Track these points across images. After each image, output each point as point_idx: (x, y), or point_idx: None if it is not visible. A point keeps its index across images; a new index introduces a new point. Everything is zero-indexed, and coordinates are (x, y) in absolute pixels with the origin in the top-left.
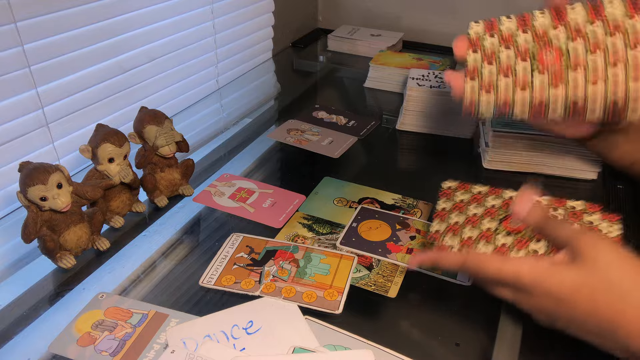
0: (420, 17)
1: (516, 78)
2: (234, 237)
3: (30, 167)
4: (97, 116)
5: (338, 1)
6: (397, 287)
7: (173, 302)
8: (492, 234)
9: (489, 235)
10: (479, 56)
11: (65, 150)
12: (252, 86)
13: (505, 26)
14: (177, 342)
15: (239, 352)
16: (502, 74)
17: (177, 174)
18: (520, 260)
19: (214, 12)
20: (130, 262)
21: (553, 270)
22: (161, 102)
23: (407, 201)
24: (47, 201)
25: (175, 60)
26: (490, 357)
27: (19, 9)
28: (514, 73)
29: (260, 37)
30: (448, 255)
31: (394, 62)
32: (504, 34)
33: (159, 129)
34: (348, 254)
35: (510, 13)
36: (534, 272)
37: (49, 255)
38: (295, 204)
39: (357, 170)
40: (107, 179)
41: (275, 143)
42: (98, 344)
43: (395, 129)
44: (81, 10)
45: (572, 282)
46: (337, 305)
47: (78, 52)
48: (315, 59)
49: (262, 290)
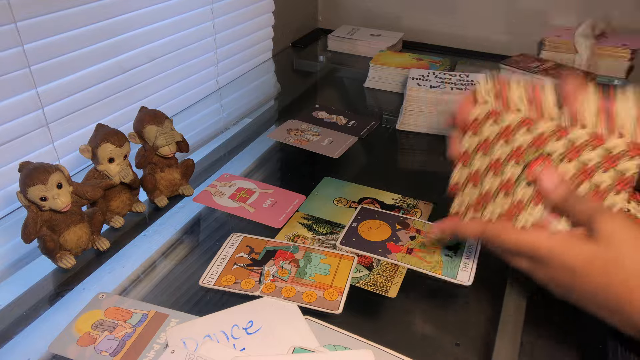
0: (420, 17)
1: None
2: (234, 237)
3: (30, 167)
4: (97, 116)
5: (338, 1)
6: (397, 287)
7: (173, 302)
8: (512, 186)
9: (509, 186)
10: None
11: (65, 150)
12: (252, 86)
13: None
14: (177, 342)
15: (239, 352)
16: (491, 171)
17: (177, 174)
18: (538, 232)
19: (214, 12)
20: (130, 262)
21: (570, 243)
22: (161, 102)
23: (407, 201)
24: (47, 201)
25: (175, 60)
26: (490, 357)
27: (19, 9)
28: (502, 173)
29: (260, 37)
30: (467, 225)
31: (394, 62)
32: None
33: (159, 129)
34: (348, 254)
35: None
36: (551, 244)
37: (49, 255)
38: (295, 204)
39: (357, 170)
40: (107, 179)
41: (275, 143)
42: (98, 344)
43: (395, 129)
44: (81, 10)
45: (587, 255)
46: (337, 305)
47: (78, 52)
48: (315, 59)
49: (262, 290)
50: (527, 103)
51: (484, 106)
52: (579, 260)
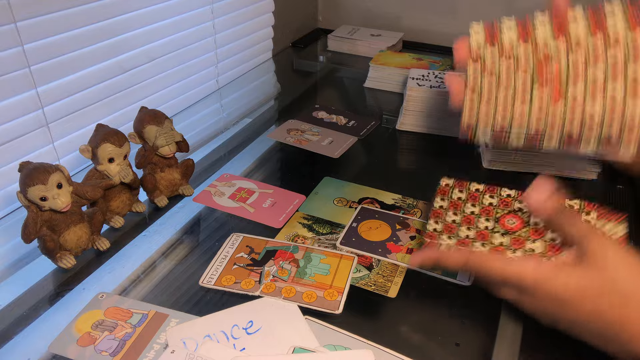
0: (420, 17)
1: (515, 92)
2: (234, 237)
3: (30, 167)
4: (97, 116)
5: (338, 1)
6: (397, 287)
7: (173, 302)
8: (489, 234)
9: (486, 234)
10: (479, 67)
11: (65, 150)
12: (252, 86)
13: (507, 36)
14: (177, 342)
15: (239, 352)
16: (502, 87)
17: (177, 174)
18: (524, 261)
19: (214, 12)
20: (130, 262)
21: (557, 271)
22: (161, 102)
23: (407, 201)
24: (47, 201)
25: (175, 60)
26: (490, 357)
27: (19, 9)
28: (514, 87)
29: (260, 37)
30: (450, 255)
31: (394, 62)
32: (505, 45)
33: (159, 129)
34: (348, 254)
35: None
36: (537, 273)
37: (49, 255)
38: (295, 204)
39: (357, 170)
40: (107, 179)
41: (275, 143)
42: (98, 344)
43: (395, 129)
44: (81, 10)
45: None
46: (337, 305)
47: (78, 52)
48: (315, 59)
49: (262, 290)
50: (522, 42)
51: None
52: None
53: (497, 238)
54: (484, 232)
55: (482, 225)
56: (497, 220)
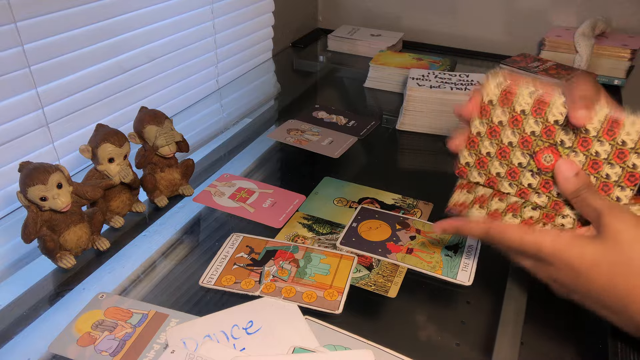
0: (420, 17)
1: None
2: (234, 237)
3: (30, 167)
4: (97, 116)
5: (338, 1)
6: (397, 287)
7: (173, 302)
8: (520, 207)
9: (517, 207)
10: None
11: (65, 150)
12: (252, 86)
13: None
14: (177, 342)
15: (239, 352)
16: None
17: (177, 174)
18: (543, 231)
19: (214, 12)
20: (130, 262)
21: (575, 243)
22: (161, 102)
23: (407, 201)
24: (47, 201)
25: (175, 60)
26: (490, 357)
27: (19, 9)
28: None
29: (260, 37)
30: (470, 224)
31: (394, 62)
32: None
33: (159, 129)
34: (348, 254)
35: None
36: (555, 244)
37: (49, 255)
38: (295, 204)
39: (357, 170)
40: (107, 179)
41: (275, 143)
42: (98, 344)
43: (395, 129)
44: (81, 10)
45: (593, 256)
46: (337, 305)
47: (78, 52)
48: (315, 59)
49: (262, 290)
50: (532, 112)
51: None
52: (584, 261)
53: (528, 212)
54: (515, 205)
55: (516, 161)
56: (533, 155)
